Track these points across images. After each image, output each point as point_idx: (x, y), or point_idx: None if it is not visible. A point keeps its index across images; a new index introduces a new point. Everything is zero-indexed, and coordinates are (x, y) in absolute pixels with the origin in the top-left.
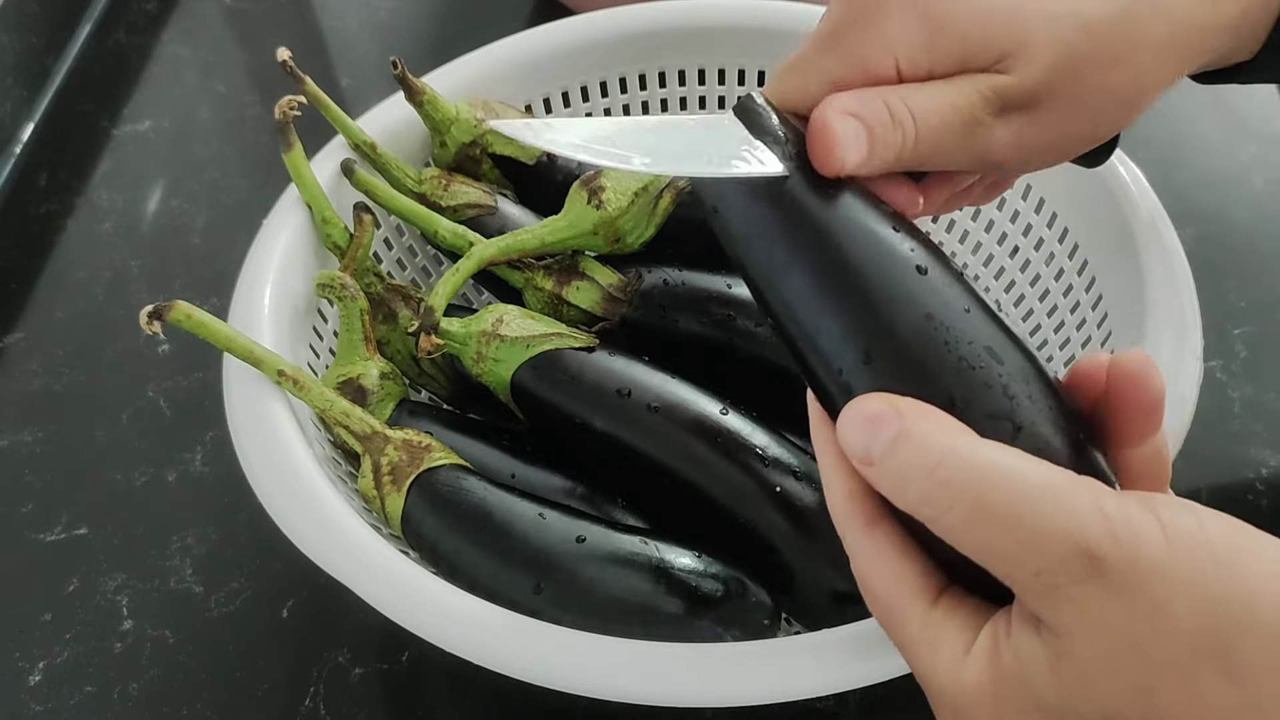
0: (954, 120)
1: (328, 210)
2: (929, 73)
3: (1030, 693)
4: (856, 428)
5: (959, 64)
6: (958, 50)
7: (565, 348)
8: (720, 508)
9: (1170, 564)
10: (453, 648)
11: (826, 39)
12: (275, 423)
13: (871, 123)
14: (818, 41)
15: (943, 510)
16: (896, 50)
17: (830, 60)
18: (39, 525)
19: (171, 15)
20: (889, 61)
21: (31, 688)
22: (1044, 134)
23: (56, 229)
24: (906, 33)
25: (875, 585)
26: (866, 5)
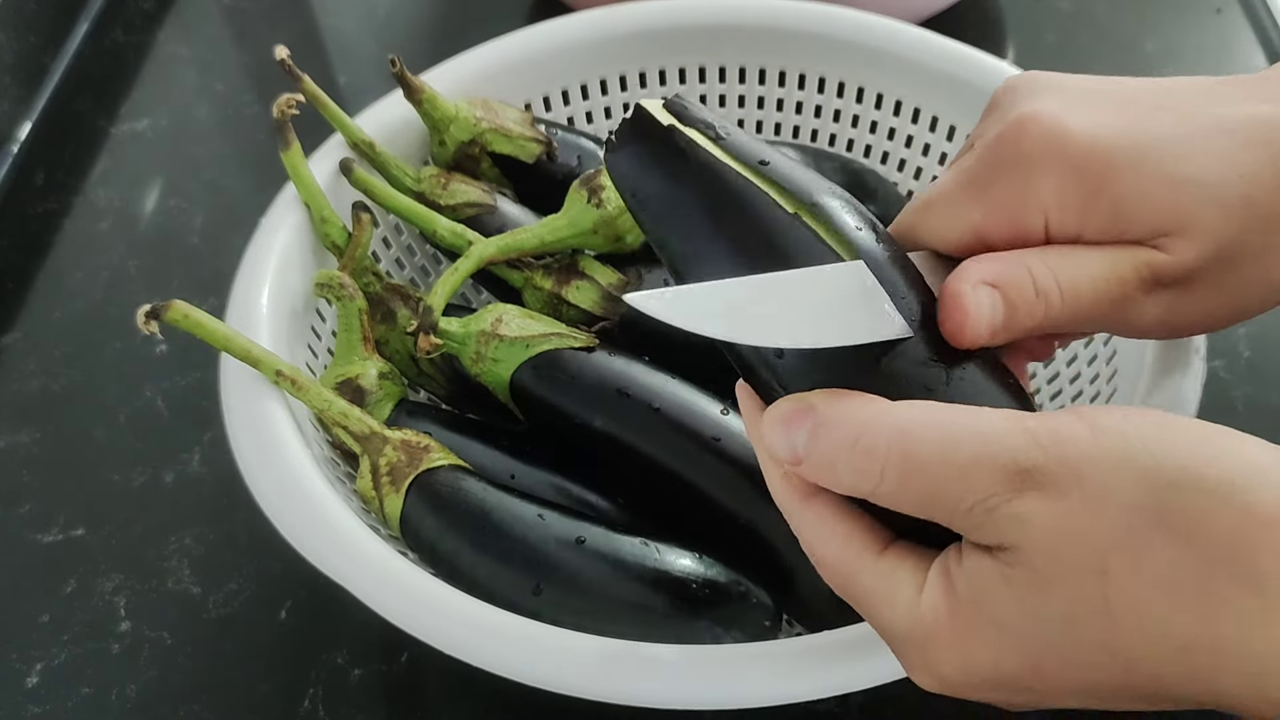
0: (1104, 296)
1: (326, 209)
2: (1077, 236)
3: (989, 613)
4: (777, 433)
5: (1112, 233)
6: (1113, 219)
7: (565, 348)
8: (720, 508)
9: (1100, 452)
10: (452, 649)
11: (973, 182)
12: (273, 423)
13: (1013, 295)
14: (963, 182)
15: (876, 479)
16: (1048, 208)
17: (975, 206)
18: (36, 526)
19: (169, 14)
20: (1039, 219)
21: (29, 689)
22: (1193, 314)
23: (54, 228)
24: (1061, 193)
25: (823, 553)
26: (1022, 154)
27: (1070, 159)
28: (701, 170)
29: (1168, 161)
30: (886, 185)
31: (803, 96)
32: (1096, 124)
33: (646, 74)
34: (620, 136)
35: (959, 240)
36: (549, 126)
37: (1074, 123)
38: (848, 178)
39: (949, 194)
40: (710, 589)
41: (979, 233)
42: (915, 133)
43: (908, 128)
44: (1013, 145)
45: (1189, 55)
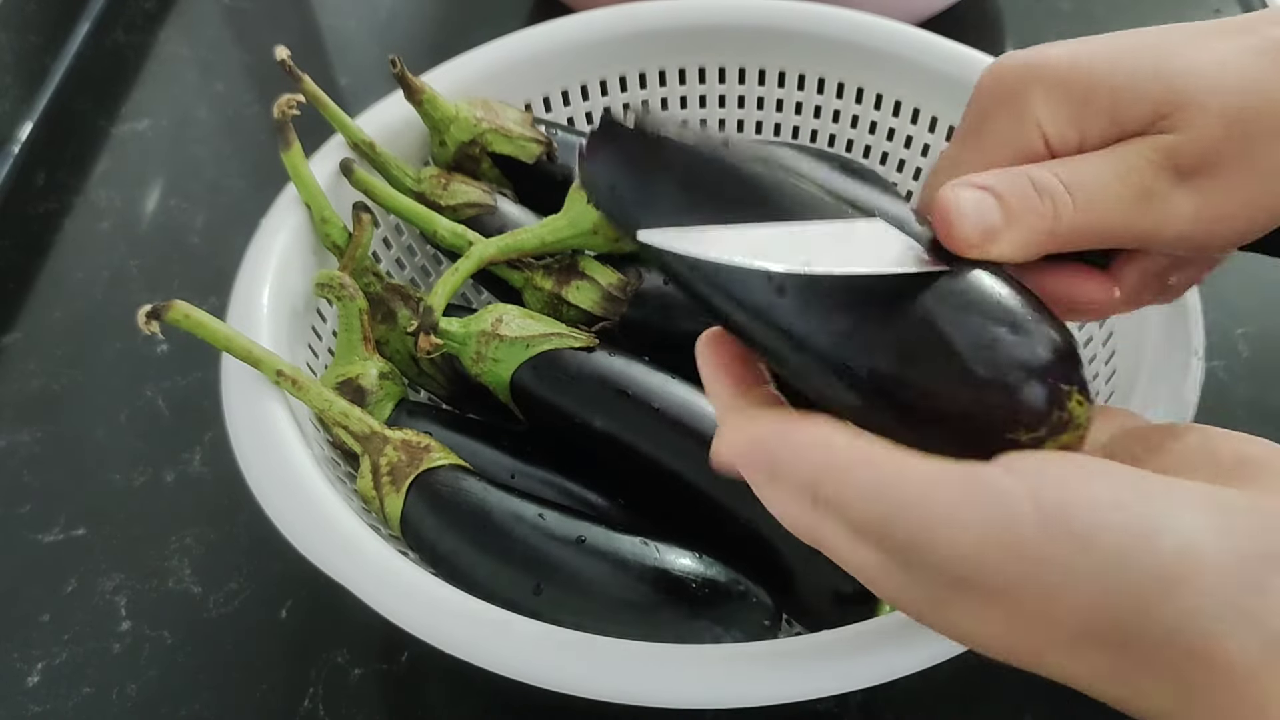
0: (1122, 189)
1: (326, 209)
2: (1080, 148)
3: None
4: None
5: (1113, 134)
6: (1109, 120)
7: (565, 348)
8: (720, 508)
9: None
10: (452, 649)
11: (967, 133)
12: (274, 423)
13: (1011, 199)
14: (959, 138)
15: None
16: (1044, 127)
17: (974, 154)
18: (37, 526)
19: (170, 14)
20: (1037, 142)
21: (30, 689)
22: (1231, 204)
23: (54, 228)
24: (1050, 108)
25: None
26: (1004, 89)
27: (1053, 77)
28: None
29: (1148, 59)
30: (887, 185)
31: (802, 97)
32: (1071, 49)
33: (646, 74)
34: (592, 143)
35: None
36: (549, 127)
37: (1049, 51)
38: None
39: (949, 154)
40: (710, 589)
41: None
42: (915, 133)
43: (907, 128)
44: (993, 87)
45: None
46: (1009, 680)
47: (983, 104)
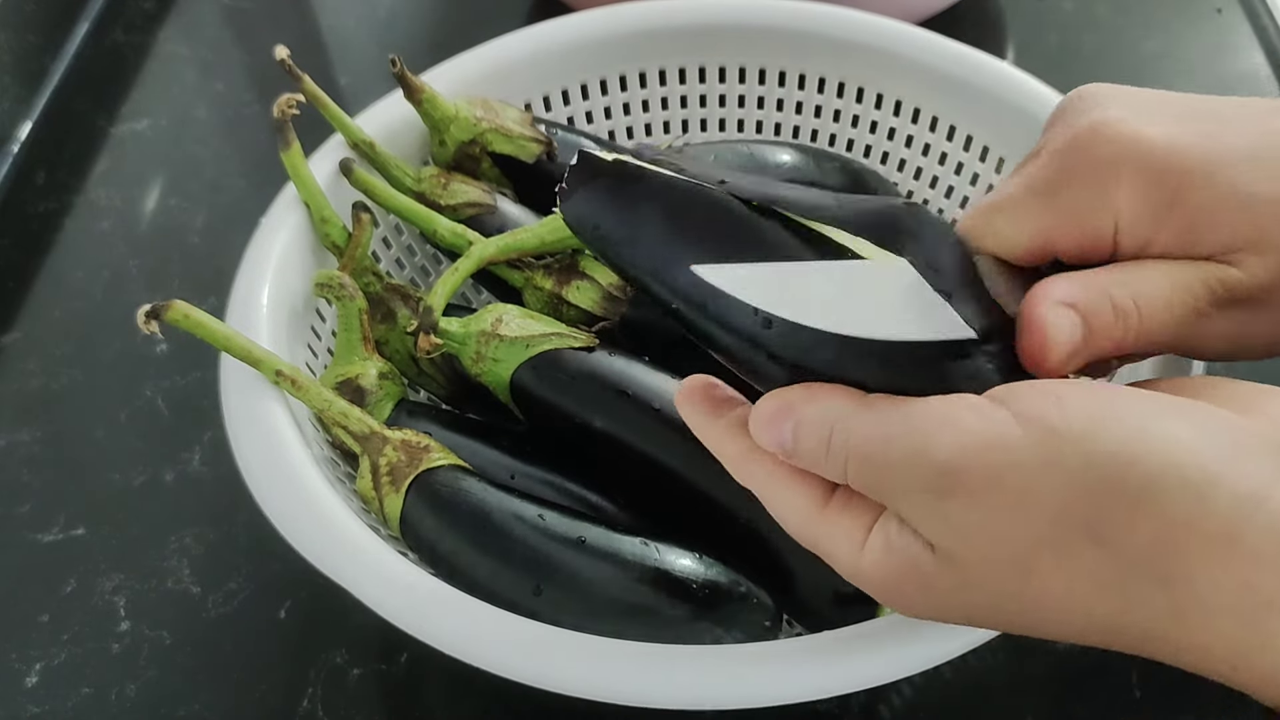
0: (1178, 312)
1: (326, 209)
2: (1145, 246)
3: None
4: (764, 431)
5: (1184, 246)
6: (1186, 232)
7: (565, 347)
8: (720, 508)
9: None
10: (451, 649)
11: (1043, 187)
12: (273, 423)
13: (1091, 317)
14: (1033, 185)
15: (841, 473)
16: (1120, 215)
17: (1045, 211)
18: (36, 526)
19: (169, 14)
20: (1109, 227)
21: (29, 689)
22: (1260, 332)
23: (54, 228)
24: (1135, 200)
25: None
26: (1096, 160)
27: (1147, 166)
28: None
29: (1242, 176)
30: (886, 185)
31: (803, 96)
32: (1173, 133)
33: (646, 74)
34: (570, 182)
35: (1026, 246)
36: (549, 126)
37: (1151, 130)
38: (848, 178)
39: (1016, 198)
40: (710, 589)
41: (1047, 239)
42: (915, 133)
43: (908, 128)
44: (1087, 150)
45: (1189, 55)
46: (1010, 681)
47: (1066, 162)
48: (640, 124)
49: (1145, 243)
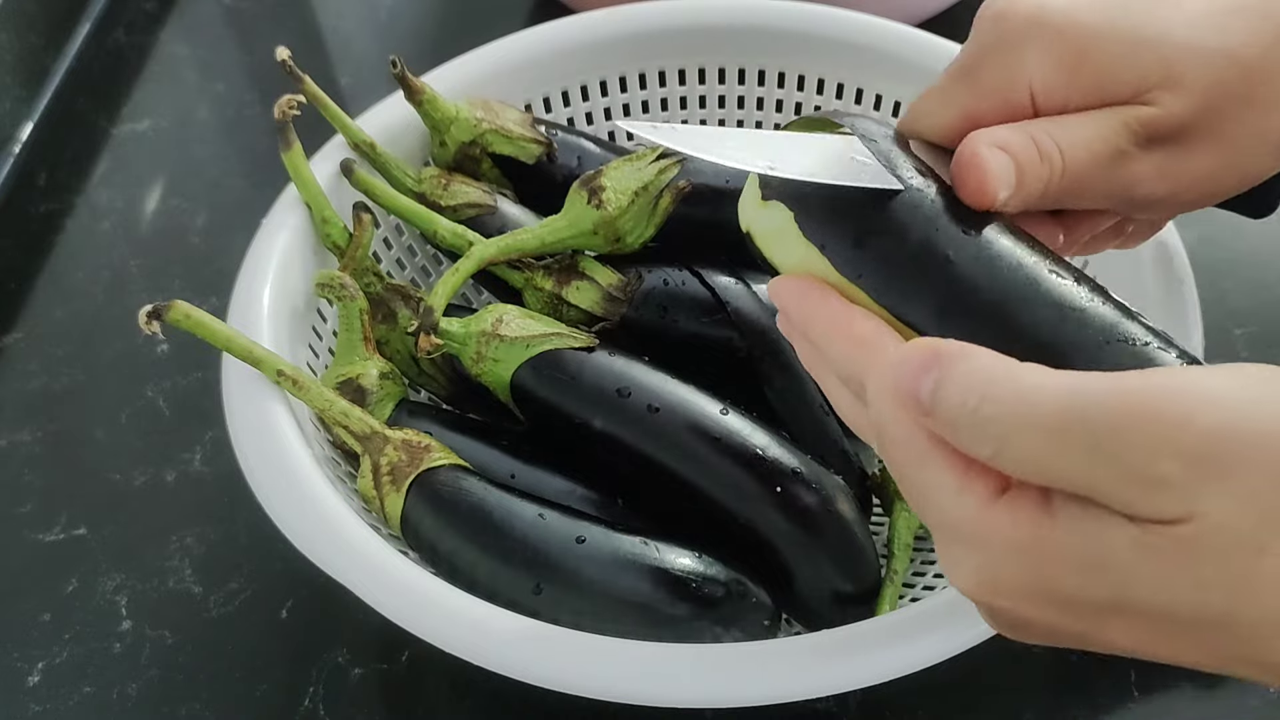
0: (1100, 153)
1: (327, 210)
2: (1064, 105)
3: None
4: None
5: (1098, 97)
6: (1097, 82)
7: (565, 348)
8: (720, 508)
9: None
10: (452, 648)
11: (961, 70)
12: (274, 423)
13: (1020, 158)
14: (953, 72)
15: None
16: (1034, 81)
17: (965, 91)
18: (38, 525)
19: (170, 14)
20: (1025, 92)
21: (30, 688)
22: (1190, 169)
23: (55, 228)
24: (1045, 64)
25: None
26: (1004, 36)
27: (1050, 31)
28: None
29: (1143, 25)
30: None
31: (802, 97)
32: (1071, 3)
33: (646, 75)
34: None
35: (951, 124)
36: (549, 128)
37: (1051, 3)
38: None
39: (939, 85)
40: (710, 588)
41: (970, 115)
42: None
43: None
44: (994, 30)
45: None
46: (1009, 680)
47: (981, 45)
48: None
49: (1063, 103)
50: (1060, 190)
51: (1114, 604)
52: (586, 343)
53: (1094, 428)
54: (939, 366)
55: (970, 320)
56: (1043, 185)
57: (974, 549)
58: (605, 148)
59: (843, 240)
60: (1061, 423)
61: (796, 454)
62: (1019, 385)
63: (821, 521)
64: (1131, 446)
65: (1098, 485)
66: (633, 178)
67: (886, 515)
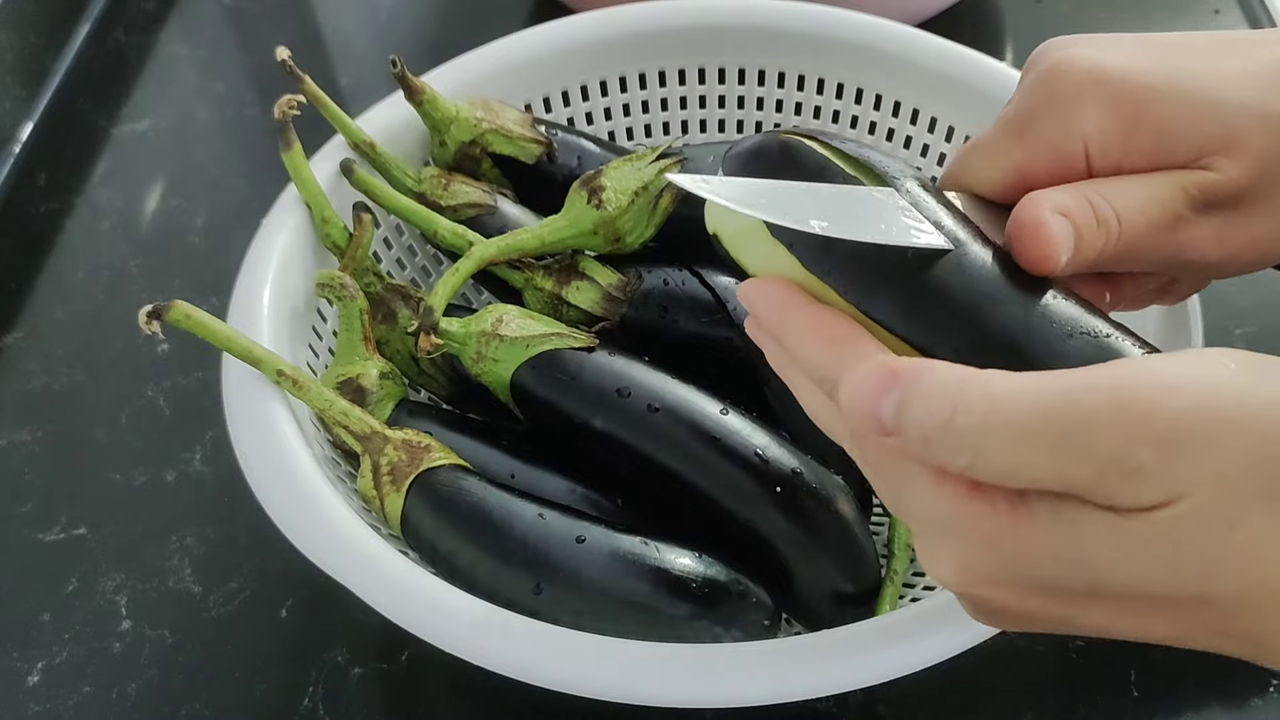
0: (1156, 219)
1: (327, 210)
2: (1120, 164)
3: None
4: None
5: (1156, 158)
6: (1156, 143)
7: (565, 348)
8: (720, 508)
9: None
10: (452, 648)
11: (1013, 123)
12: (274, 422)
13: (1079, 222)
14: (1004, 126)
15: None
16: (1089, 139)
17: (1017, 145)
18: (38, 525)
19: (171, 14)
20: (1079, 150)
21: (30, 688)
22: (1246, 235)
23: (55, 228)
24: (1101, 122)
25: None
26: (1059, 91)
27: (1109, 89)
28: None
29: (1204, 86)
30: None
31: (802, 98)
32: (1130, 60)
33: (646, 75)
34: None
35: (1002, 180)
36: (549, 127)
37: (1109, 60)
38: None
39: (990, 138)
40: (710, 588)
41: (1021, 171)
42: (914, 134)
43: (906, 129)
44: (1050, 85)
45: None
46: (1009, 680)
47: (1034, 99)
48: (640, 125)
49: (1118, 162)
50: (1115, 255)
51: (1092, 589)
52: (586, 343)
53: (1067, 427)
54: (899, 386)
55: (937, 316)
56: (1098, 251)
57: (952, 540)
58: (605, 148)
59: (811, 238)
60: (1035, 426)
61: (796, 454)
62: (989, 392)
63: (821, 521)
64: (1105, 441)
65: (1076, 482)
66: (633, 178)
67: (886, 515)
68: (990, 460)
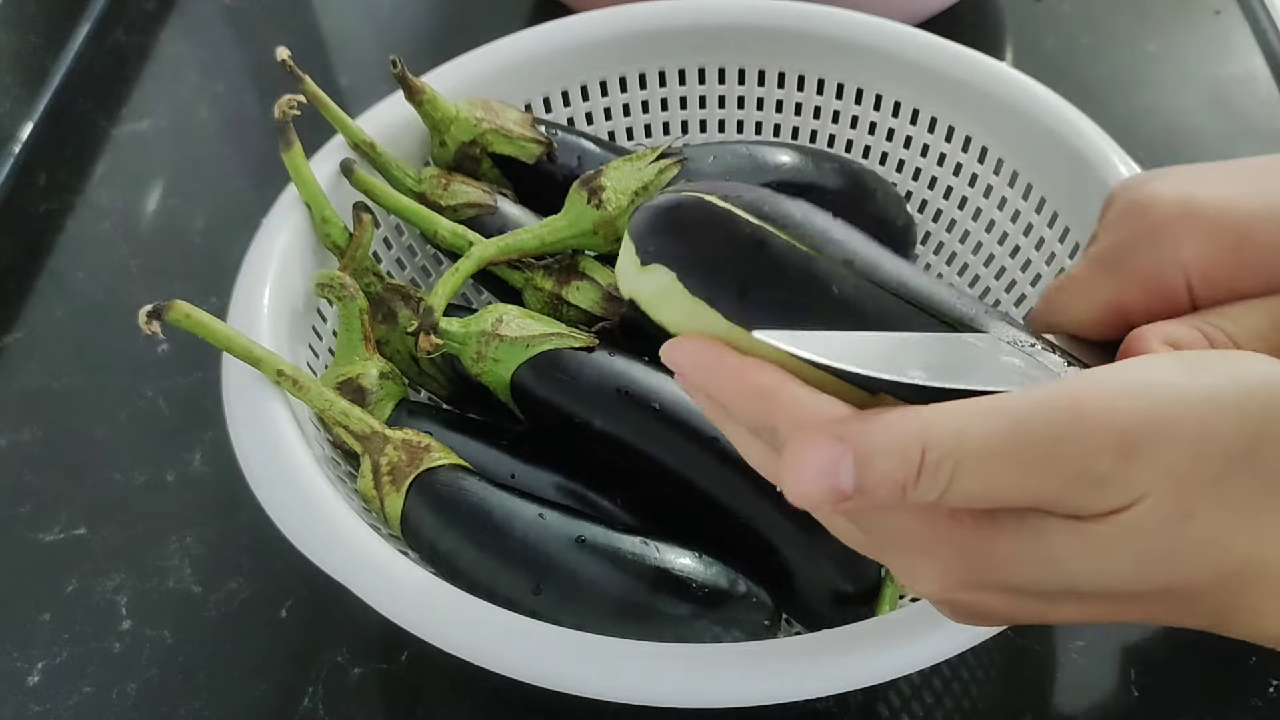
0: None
1: (327, 209)
2: (1227, 293)
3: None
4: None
5: (1264, 283)
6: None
7: (565, 348)
8: (720, 507)
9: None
10: (452, 648)
11: (1105, 258)
12: (274, 422)
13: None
14: (1094, 261)
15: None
16: (1191, 271)
17: (1110, 281)
18: (38, 525)
19: (171, 14)
20: (1180, 284)
21: (30, 688)
22: None
23: (56, 228)
24: (1204, 253)
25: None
26: (1152, 226)
27: (1206, 219)
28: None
29: None
30: (885, 185)
31: (802, 98)
32: (1222, 188)
33: (646, 75)
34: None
35: (1097, 317)
36: (549, 127)
37: (1200, 191)
38: (847, 179)
39: (1081, 274)
40: (710, 588)
41: (1116, 307)
42: (914, 134)
43: (906, 129)
44: (1141, 217)
45: (1187, 57)
46: (1009, 680)
47: (1126, 235)
48: (640, 125)
49: (1227, 290)
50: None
51: (1065, 590)
52: (586, 343)
53: (1033, 448)
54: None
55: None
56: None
57: (926, 557)
58: (605, 148)
59: (729, 290)
60: (1004, 449)
61: None
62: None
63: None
64: (1068, 457)
65: (1043, 498)
66: (633, 178)
67: None
68: (960, 488)
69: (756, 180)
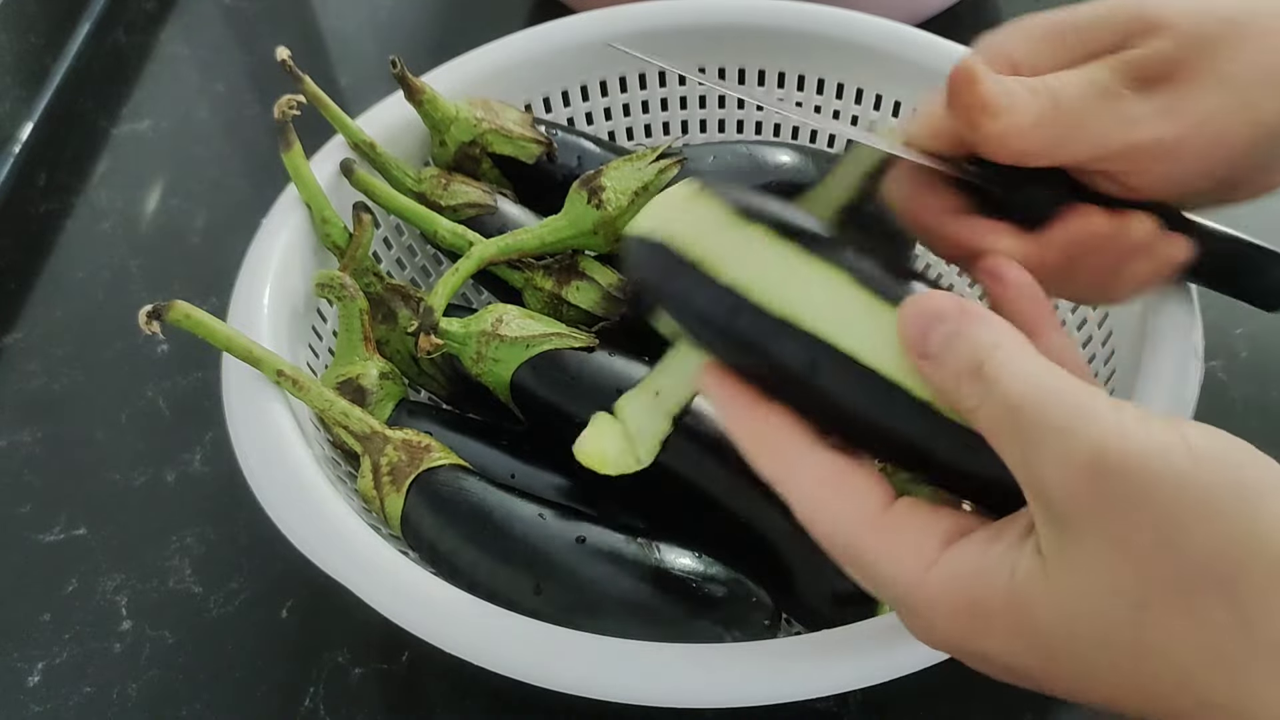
0: (1090, 92)
1: (327, 210)
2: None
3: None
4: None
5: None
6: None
7: (565, 347)
8: (720, 507)
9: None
10: (452, 648)
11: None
12: (274, 423)
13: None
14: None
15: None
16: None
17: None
18: (37, 525)
19: (170, 14)
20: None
21: (30, 688)
22: (1193, 108)
23: (55, 229)
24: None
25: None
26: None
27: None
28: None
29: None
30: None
31: (801, 97)
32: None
33: (646, 75)
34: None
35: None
36: (549, 127)
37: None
38: None
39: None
40: (710, 588)
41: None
42: None
43: None
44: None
45: None
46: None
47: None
48: (640, 125)
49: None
50: (1059, 129)
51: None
52: (586, 343)
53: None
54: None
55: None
56: (1035, 115)
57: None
58: (605, 148)
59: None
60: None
61: None
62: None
63: None
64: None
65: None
66: (633, 178)
67: None
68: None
69: (757, 180)
